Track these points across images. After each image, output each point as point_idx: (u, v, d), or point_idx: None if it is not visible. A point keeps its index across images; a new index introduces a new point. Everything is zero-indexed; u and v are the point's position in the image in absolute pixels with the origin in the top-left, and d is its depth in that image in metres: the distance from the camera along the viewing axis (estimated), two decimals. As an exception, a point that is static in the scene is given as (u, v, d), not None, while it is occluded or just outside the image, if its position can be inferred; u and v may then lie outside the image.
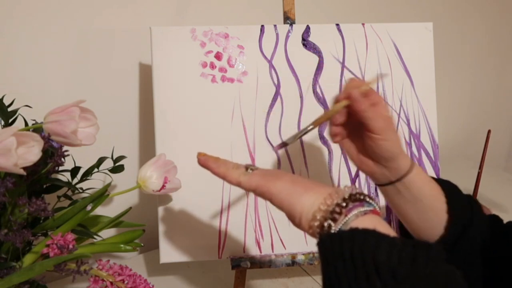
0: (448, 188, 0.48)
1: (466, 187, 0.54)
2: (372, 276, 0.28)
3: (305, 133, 0.44)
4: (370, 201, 0.34)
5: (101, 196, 0.53)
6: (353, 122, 0.46)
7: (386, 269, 0.28)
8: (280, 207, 0.37)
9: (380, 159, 0.46)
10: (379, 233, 0.30)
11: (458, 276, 0.30)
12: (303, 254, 0.64)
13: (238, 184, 0.40)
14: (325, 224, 0.33)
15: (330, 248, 0.31)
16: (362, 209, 0.33)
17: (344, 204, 0.33)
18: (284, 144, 0.44)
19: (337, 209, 0.33)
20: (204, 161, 0.42)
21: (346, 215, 0.33)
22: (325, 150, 0.67)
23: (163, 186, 0.58)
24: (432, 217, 0.47)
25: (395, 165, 0.45)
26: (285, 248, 0.65)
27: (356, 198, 0.34)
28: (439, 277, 0.28)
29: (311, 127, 0.44)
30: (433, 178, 0.49)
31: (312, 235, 0.35)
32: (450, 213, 0.46)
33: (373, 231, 0.31)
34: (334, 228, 0.33)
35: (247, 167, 0.41)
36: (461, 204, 0.48)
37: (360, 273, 0.28)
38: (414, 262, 0.28)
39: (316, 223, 0.34)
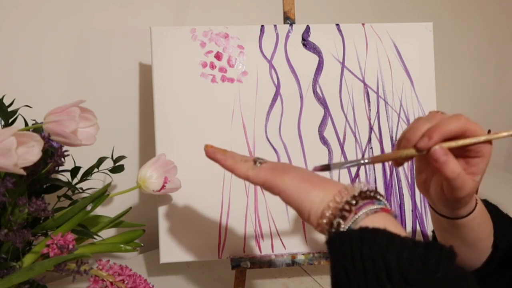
0: (494, 212, 0.46)
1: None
2: (383, 279, 0.27)
3: (356, 165, 0.40)
4: (381, 198, 0.33)
5: (101, 196, 0.53)
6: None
7: (397, 271, 0.27)
8: (288, 202, 0.36)
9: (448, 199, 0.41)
10: (389, 233, 0.30)
11: (471, 280, 0.29)
12: (303, 254, 0.64)
13: (246, 178, 0.39)
14: (334, 222, 0.32)
15: (339, 247, 0.30)
16: (372, 207, 0.32)
17: (354, 202, 0.32)
18: (326, 168, 0.40)
19: (347, 207, 0.32)
20: (212, 153, 0.42)
21: (355, 213, 0.32)
22: (325, 150, 0.67)
23: (163, 186, 0.58)
24: (479, 245, 0.45)
25: (461, 210, 0.42)
26: (285, 248, 0.65)
27: (366, 196, 0.33)
28: (451, 280, 0.28)
29: (367, 161, 0.39)
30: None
31: (321, 232, 0.34)
32: (495, 239, 0.45)
33: (383, 231, 0.30)
34: (344, 226, 0.32)
35: (255, 160, 0.40)
36: (507, 229, 0.46)
37: (370, 275, 0.28)
38: (425, 264, 0.27)
39: (325, 221, 0.33)
